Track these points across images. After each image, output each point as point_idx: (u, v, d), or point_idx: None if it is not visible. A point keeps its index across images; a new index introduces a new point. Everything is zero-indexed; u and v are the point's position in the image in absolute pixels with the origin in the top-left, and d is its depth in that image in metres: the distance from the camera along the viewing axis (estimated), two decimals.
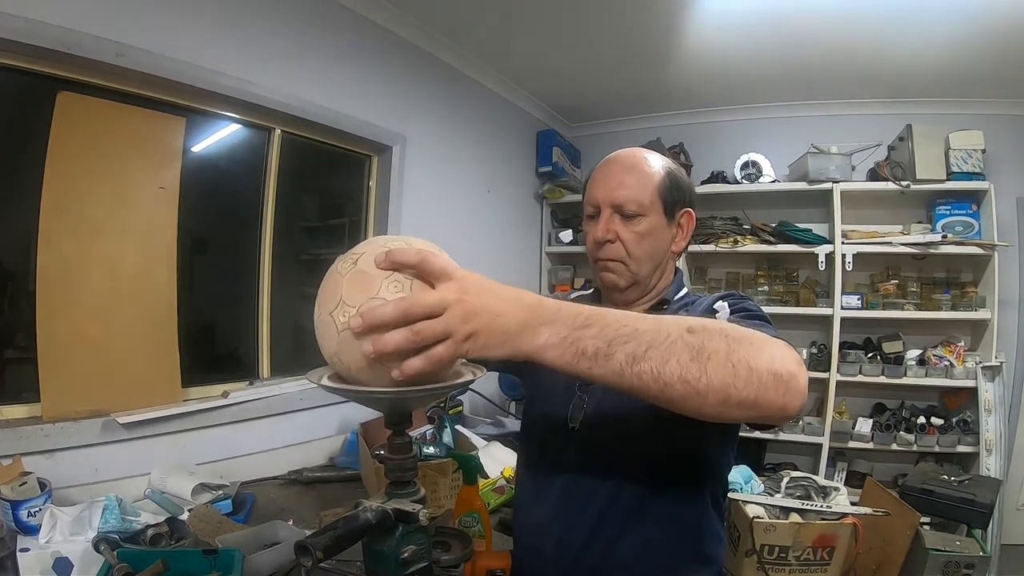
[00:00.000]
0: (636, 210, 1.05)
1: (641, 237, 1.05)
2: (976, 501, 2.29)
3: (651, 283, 1.11)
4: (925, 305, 3.34)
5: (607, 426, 0.99)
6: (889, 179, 3.28)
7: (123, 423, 1.72)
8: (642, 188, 1.05)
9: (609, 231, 1.05)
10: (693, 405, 0.65)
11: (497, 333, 0.64)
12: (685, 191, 1.10)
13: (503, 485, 1.90)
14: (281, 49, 2.20)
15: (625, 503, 0.98)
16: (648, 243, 1.06)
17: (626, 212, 1.05)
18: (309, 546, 0.67)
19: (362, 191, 2.80)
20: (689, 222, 1.13)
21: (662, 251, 1.10)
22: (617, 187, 1.05)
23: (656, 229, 1.07)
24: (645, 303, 1.12)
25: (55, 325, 1.68)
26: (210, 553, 1.20)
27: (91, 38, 1.63)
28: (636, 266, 1.07)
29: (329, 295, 0.71)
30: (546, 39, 2.98)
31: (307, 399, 2.24)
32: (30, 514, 1.39)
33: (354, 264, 0.71)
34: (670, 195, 1.07)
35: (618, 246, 1.06)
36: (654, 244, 1.07)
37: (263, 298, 2.33)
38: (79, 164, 1.72)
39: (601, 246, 1.07)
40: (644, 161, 1.08)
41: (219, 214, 2.27)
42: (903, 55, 2.93)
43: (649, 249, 1.07)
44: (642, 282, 1.09)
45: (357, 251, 0.74)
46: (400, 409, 0.81)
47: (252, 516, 1.73)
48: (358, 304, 0.67)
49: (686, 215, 1.12)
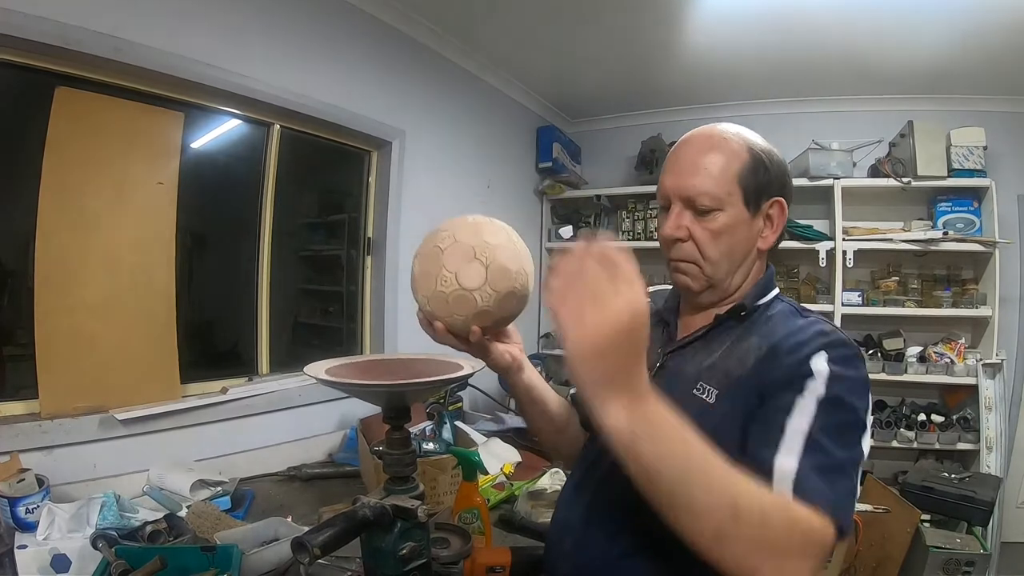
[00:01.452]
0: (710, 204, 0.90)
1: (717, 235, 0.91)
2: (976, 498, 2.29)
3: (731, 285, 0.97)
4: (926, 302, 3.33)
5: None
6: (890, 176, 3.27)
7: (121, 419, 1.71)
8: (719, 176, 0.90)
9: (680, 228, 0.92)
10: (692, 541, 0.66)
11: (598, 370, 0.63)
12: (774, 177, 0.94)
13: (503, 482, 1.90)
14: (280, 44, 2.19)
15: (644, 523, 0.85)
16: (725, 242, 0.92)
17: (699, 207, 0.91)
18: (306, 543, 0.67)
19: (361, 186, 2.79)
20: (780, 214, 0.96)
21: (744, 250, 0.95)
22: (689, 176, 0.92)
23: (735, 225, 0.92)
24: (725, 305, 0.98)
25: (53, 321, 1.67)
26: (208, 550, 1.20)
27: (89, 33, 1.62)
28: (711, 268, 0.93)
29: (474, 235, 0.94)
30: (546, 34, 2.96)
31: (306, 395, 2.24)
32: (28, 511, 1.39)
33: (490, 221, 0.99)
34: (754, 182, 0.92)
35: (690, 246, 0.93)
36: (733, 242, 0.93)
37: (262, 294, 2.33)
38: (77, 160, 1.71)
39: (672, 245, 0.95)
40: (723, 142, 0.93)
41: (218, 210, 2.27)
42: (904, 51, 2.92)
43: (726, 248, 0.93)
44: (719, 284, 0.96)
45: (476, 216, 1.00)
46: (398, 402, 0.81)
47: (251, 512, 1.72)
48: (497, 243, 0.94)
49: (776, 205, 0.95)
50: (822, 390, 0.77)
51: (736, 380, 0.86)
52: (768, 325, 0.91)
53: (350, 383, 0.71)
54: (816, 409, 0.75)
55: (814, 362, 0.79)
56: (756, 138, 0.95)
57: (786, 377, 0.80)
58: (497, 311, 0.93)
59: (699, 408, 0.84)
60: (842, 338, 0.84)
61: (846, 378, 0.78)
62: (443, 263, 0.91)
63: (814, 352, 0.80)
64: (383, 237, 2.73)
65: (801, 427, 0.75)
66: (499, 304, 0.92)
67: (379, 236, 2.75)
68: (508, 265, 0.92)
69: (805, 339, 0.83)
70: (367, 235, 2.77)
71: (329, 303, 2.81)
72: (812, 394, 0.77)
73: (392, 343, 2.72)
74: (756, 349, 0.87)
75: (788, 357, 0.82)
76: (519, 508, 1.68)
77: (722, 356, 0.91)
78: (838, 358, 0.80)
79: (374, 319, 2.76)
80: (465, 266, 0.90)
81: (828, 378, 0.77)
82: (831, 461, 0.73)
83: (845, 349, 0.82)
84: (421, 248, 0.98)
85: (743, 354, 0.88)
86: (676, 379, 0.93)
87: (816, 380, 0.78)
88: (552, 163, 3.94)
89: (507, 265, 0.92)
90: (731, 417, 0.83)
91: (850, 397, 0.78)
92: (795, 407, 0.76)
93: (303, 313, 2.72)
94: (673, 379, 0.93)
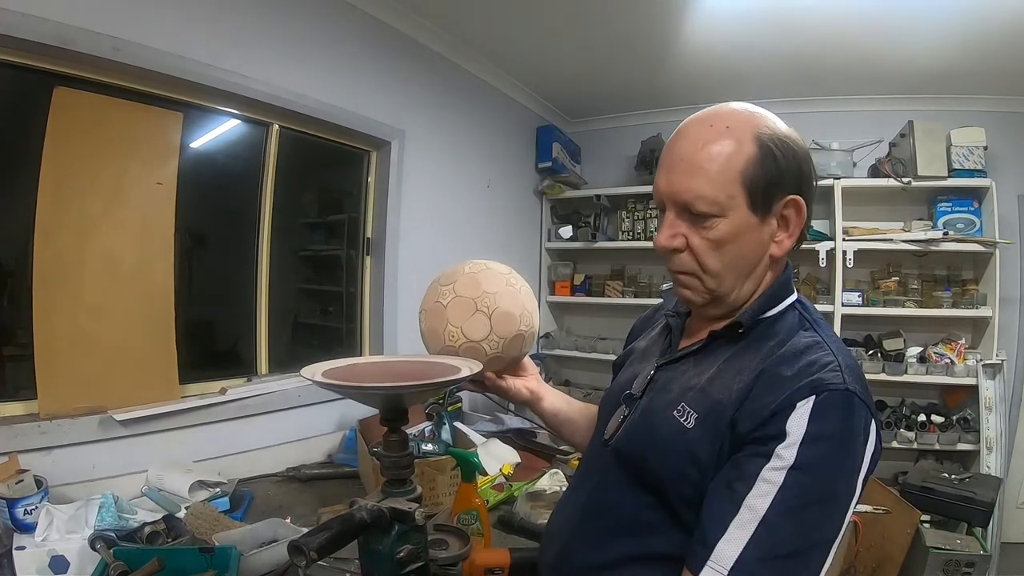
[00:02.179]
0: (708, 209, 0.76)
1: (717, 245, 0.78)
2: (976, 499, 2.29)
3: (739, 297, 0.84)
4: (926, 302, 3.32)
5: (636, 449, 0.86)
6: (890, 176, 3.27)
7: (120, 420, 1.71)
8: (718, 176, 0.76)
9: (674, 237, 0.80)
10: None
11: None
12: (788, 170, 0.78)
13: (502, 483, 1.90)
14: (279, 43, 2.19)
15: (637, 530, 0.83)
16: (729, 252, 0.79)
17: (695, 212, 0.78)
18: (302, 546, 0.66)
19: (361, 186, 2.79)
20: (797, 214, 0.80)
21: (752, 259, 0.81)
22: (683, 177, 0.78)
23: (740, 232, 0.78)
24: (726, 319, 0.87)
25: (52, 322, 1.67)
26: (206, 551, 1.20)
27: (87, 33, 1.61)
28: (713, 282, 0.81)
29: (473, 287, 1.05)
30: (546, 34, 2.96)
31: (305, 396, 2.23)
32: (26, 512, 1.39)
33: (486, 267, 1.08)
34: (762, 179, 0.76)
35: (688, 257, 0.81)
36: (738, 252, 0.79)
37: (261, 294, 2.32)
38: (76, 160, 1.71)
39: (668, 256, 0.83)
40: (725, 132, 0.77)
41: (217, 210, 2.26)
42: (905, 51, 2.92)
43: (730, 260, 0.79)
44: (725, 297, 0.83)
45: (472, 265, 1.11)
46: (395, 404, 0.80)
47: (250, 513, 1.72)
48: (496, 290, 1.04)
49: (792, 204, 0.79)
50: (792, 457, 0.66)
51: (715, 405, 0.77)
52: (768, 344, 0.80)
53: (347, 385, 0.71)
54: (783, 482, 0.66)
55: (793, 414, 0.68)
56: (769, 122, 0.79)
57: (762, 425, 0.70)
58: (507, 355, 1.01)
59: (675, 430, 0.79)
60: (837, 374, 0.71)
61: (823, 439, 0.67)
62: (448, 319, 0.99)
63: (798, 398, 0.69)
64: (382, 237, 2.73)
65: (759, 505, 0.66)
66: (507, 348, 1.00)
67: (378, 236, 2.75)
68: (510, 310, 1.00)
69: (793, 373, 0.72)
70: (366, 235, 2.77)
71: (328, 303, 2.81)
72: (781, 462, 0.67)
73: (391, 343, 2.72)
74: (747, 371, 0.77)
75: (770, 392, 0.72)
76: (518, 509, 1.68)
77: (710, 378, 0.81)
78: (824, 408, 0.68)
79: (373, 319, 2.76)
80: (469, 319, 0.98)
81: (803, 440, 0.67)
82: (785, 549, 0.65)
83: (835, 393, 0.69)
84: (425, 303, 1.07)
85: (732, 377, 0.78)
86: (660, 395, 0.87)
87: (787, 443, 0.67)
88: (552, 163, 3.94)
89: (509, 310, 1.00)
90: (705, 445, 0.75)
91: (826, 465, 0.67)
92: (759, 478, 0.67)
93: (302, 313, 2.71)
94: (659, 395, 0.88)
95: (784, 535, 0.65)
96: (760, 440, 0.69)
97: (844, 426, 0.68)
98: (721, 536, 0.66)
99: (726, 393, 0.76)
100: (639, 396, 0.91)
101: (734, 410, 0.73)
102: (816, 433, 0.66)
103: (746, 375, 0.76)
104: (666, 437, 0.80)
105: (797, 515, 0.65)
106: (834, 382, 0.69)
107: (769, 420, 0.69)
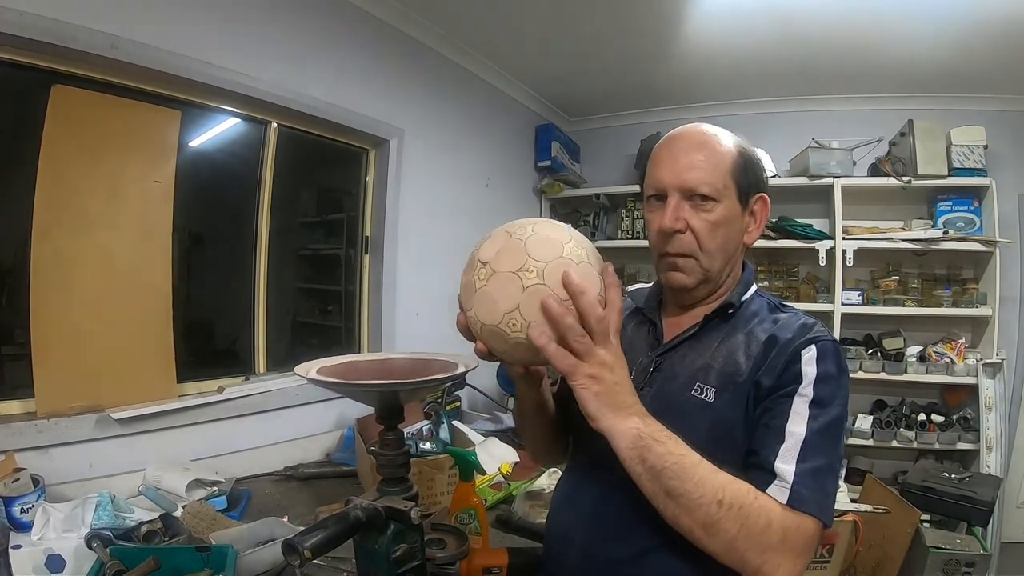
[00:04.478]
0: (709, 194, 0.91)
1: (715, 227, 0.92)
2: (976, 499, 2.28)
3: (721, 280, 0.99)
4: (926, 301, 3.32)
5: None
6: (890, 175, 3.27)
7: (117, 419, 1.71)
8: (715, 169, 0.92)
9: (679, 220, 0.91)
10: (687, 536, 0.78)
11: (607, 392, 0.75)
12: (759, 173, 0.98)
13: (500, 482, 1.89)
14: (278, 42, 2.18)
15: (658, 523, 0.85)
16: (722, 234, 0.93)
17: (699, 196, 0.91)
18: (297, 545, 0.66)
19: (359, 185, 2.78)
20: (763, 209, 0.99)
21: (735, 243, 0.97)
22: (687, 167, 0.91)
23: (730, 217, 0.93)
24: (712, 302, 0.99)
25: (49, 320, 1.67)
26: (203, 550, 1.19)
27: (85, 30, 1.61)
28: (708, 261, 0.94)
29: (510, 256, 0.77)
30: (545, 32, 2.95)
31: (303, 394, 2.23)
32: (23, 511, 1.38)
33: (534, 232, 0.80)
34: (744, 178, 0.94)
35: (688, 237, 0.92)
36: (728, 235, 0.94)
37: (259, 293, 2.32)
38: (74, 158, 1.70)
39: (668, 238, 0.93)
40: (715, 138, 0.95)
41: (215, 208, 2.26)
42: (905, 50, 2.91)
43: (722, 241, 0.94)
44: (712, 279, 0.97)
45: (523, 224, 0.83)
46: (390, 402, 0.80)
47: (247, 512, 1.71)
48: (549, 259, 0.76)
49: (760, 201, 0.98)
50: (811, 393, 0.83)
51: (730, 376, 0.89)
52: (754, 321, 0.95)
53: (342, 383, 0.70)
54: (809, 412, 0.82)
55: (804, 361, 0.85)
56: (738, 137, 0.98)
57: (780, 376, 0.85)
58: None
59: (699, 406, 0.89)
60: (823, 330, 0.90)
61: (829, 377, 0.84)
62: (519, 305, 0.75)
63: (802, 348, 0.86)
64: (381, 236, 2.72)
65: (798, 432, 0.81)
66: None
67: (377, 235, 2.74)
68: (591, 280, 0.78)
69: (792, 335, 0.89)
70: (365, 234, 2.76)
71: (327, 302, 2.81)
72: (804, 398, 0.83)
73: (390, 341, 2.72)
74: (744, 346, 0.91)
75: (780, 353, 0.87)
76: (517, 508, 1.68)
77: (712, 355, 0.93)
78: (823, 354, 0.86)
79: (372, 318, 2.76)
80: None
81: (815, 380, 0.84)
82: (821, 464, 0.80)
83: (827, 343, 0.87)
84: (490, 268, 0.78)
85: (732, 351, 0.92)
86: (672, 380, 0.95)
87: (806, 383, 0.84)
88: (551, 162, 3.94)
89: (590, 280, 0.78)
90: (730, 411, 0.87)
91: (833, 397, 0.84)
92: (792, 412, 0.83)
93: (301, 312, 2.71)
94: (669, 380, 0.95)
95: (820, 449, 0.81)
96: (783, 385, 0.85)
97: (838, 367, 0.86)
98: (775, 459, 0.80)
99: (736, 365, 0.90)
100: (641, 387, 0.93)
101: (755, 373, 0.88)
102: (824, 373, 0.84)
103: (755, 345, 0.91)
104: (690, 413, 0.89)
105: (824, 434, 0.82)
106: (823, 335, 0.89)
107: (784, 370, 0.86)
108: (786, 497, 0.77)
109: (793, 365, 0.85)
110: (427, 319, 2.88)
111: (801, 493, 0.78)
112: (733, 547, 0.74)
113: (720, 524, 0.74)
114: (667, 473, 0.74)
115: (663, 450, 0.75)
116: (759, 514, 0.75)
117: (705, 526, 0.74)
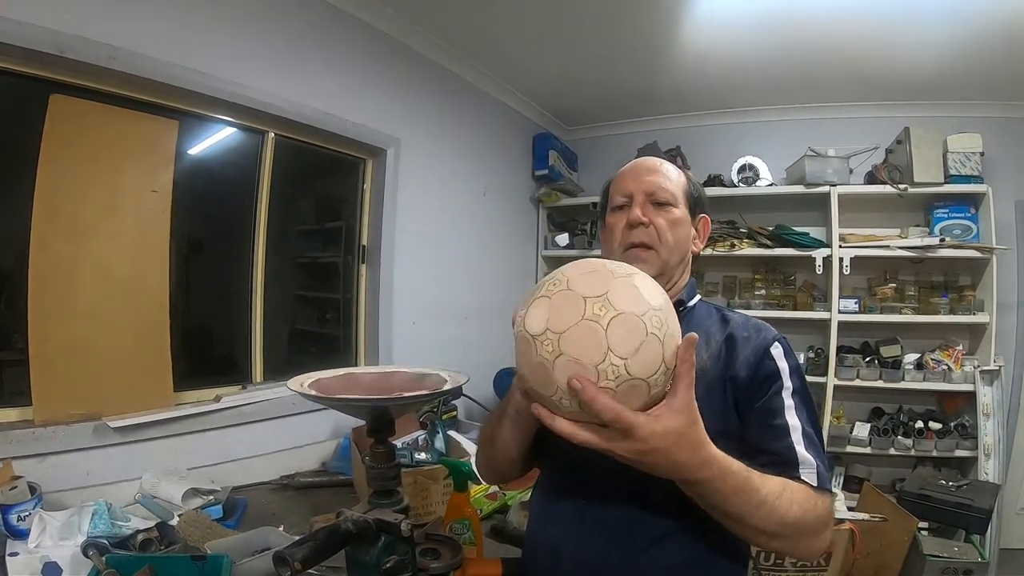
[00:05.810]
0: (668, 200, 1.09)
1: (673, 225, 1.08)
2: (974, 506, 2.28)
3: (675, 279, 1.12)
4: (923, 309, 3.33)
5: None
6: (887, 182, 3.27)
7: (115, 427, 1.71)
8: (671, 182, 1.11)
9: (645, 215, 1.08)
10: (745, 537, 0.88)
11: (665, 464, 0.74)
12: (703, 198, 1.17)
13: (495, 492, 1.89)
14: (275, 52, 2.19)
15: (649, 520, 0.94)
16: (679, 232, 1.09)
17: (659, 199, 1.09)
18: (287, 556, 0.66)
19: (356, 194, 2.79)
20: (705, 227, 1.18)
21: (686, 246, 1.13)
22: (652, 177, 1.11)
23: (684, 222, 1.11)
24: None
25: (47, 328, 1.67)
26: (198, 559, 1.19)
27: (84, 41, 1.62)
28: (667, 253, 1.08)
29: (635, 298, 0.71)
30: (543, 41, 2.97)
31: (300, 404, 2.22)
32: (20, 518, 1.38)
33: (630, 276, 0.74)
34: (692, 197, 1.13)
35: (651, 230, 1.08)
36: (682, 235, 1.10)
37: (256, 302, 2.32)
38: (72, 167, 1.71)
39: (633, 230, 1.08)
40: (669, 165, 1.16)
41: (212, 217, 2.27)
42: (901, 57, 2.93)
43: (678, 239, 1.09)
44: (668, 272, 1.10)
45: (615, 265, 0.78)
46: (381, 416, 0.81)
47: (243, 521, 1.71)
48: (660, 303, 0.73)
49: (703, 221, 1.17)
50: (791, 384, 0.96)
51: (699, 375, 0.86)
52: (708, 322, 1.07)
53: (333, 398, 0.71)
54: (795, 402, 0.94)
55: (775, 357, 0.97)
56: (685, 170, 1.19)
57: (756, 369, 0.97)
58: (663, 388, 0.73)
59: None
60: (774, 330, 1.04)
61: (797, 367, 0.99)
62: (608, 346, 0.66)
63: (770, 345, 0.99)
64: (378, 245, 2.73)
65: (797, 423, 0.92)
66: (668, 380, 0.73)
67: (374, 244, 2.75)
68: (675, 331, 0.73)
69: (750, 333, 1.02)
70: (362, 243, 2.77)
71: (324, 310, 2.81)
72: (788, 391, 0.95)
73: (387, 351, 2.72)
74: (704, 342, 1.00)
75: (746, 347, 0.99)
76: (511, 518, 1.68)
77: None
78: (787, 349, 1.00)
79: (369, 326, 2.76)
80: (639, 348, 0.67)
81: (790, 373, 0.97)
82: (817, 439, 0.93)
83: (782, 338, 1.02)
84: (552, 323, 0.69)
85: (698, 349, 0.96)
86: None
87: (784, 377, 0.96)
88: (548, 170, 3.94)
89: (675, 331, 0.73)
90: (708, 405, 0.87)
91: (803, 382, 0.98)
92: (784, 405, 0.94)
93: (298, 321, 2.71)
94: None
95: (814, 431, 0.94)
96: (766, 382, 0.96)
97: (796, 359, 1.00)
98: (799, 448, 0.90)
99: (701, 363, 0.95)
100: None
101: (726, 369, 0.98)
102: (794, 365, 0.98)
103: (714, 344, 1.02)
104: None
105: (811, 417, 0.95)
106: (776, 332, 1.03)
107: (759, 364, 0.97)
108: (815, 479, 0.88)
109: (767, 361, 0.97)
110: (424, 328, 2.88)
111: (822, 472, 0.89)
112: (796, 548, 0.87)
113: (781, 537, 0.84)
114: (730, 503, 0.80)
115: (728, 487, 0.79)
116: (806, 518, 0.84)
117: (769, 537, 0.84)
